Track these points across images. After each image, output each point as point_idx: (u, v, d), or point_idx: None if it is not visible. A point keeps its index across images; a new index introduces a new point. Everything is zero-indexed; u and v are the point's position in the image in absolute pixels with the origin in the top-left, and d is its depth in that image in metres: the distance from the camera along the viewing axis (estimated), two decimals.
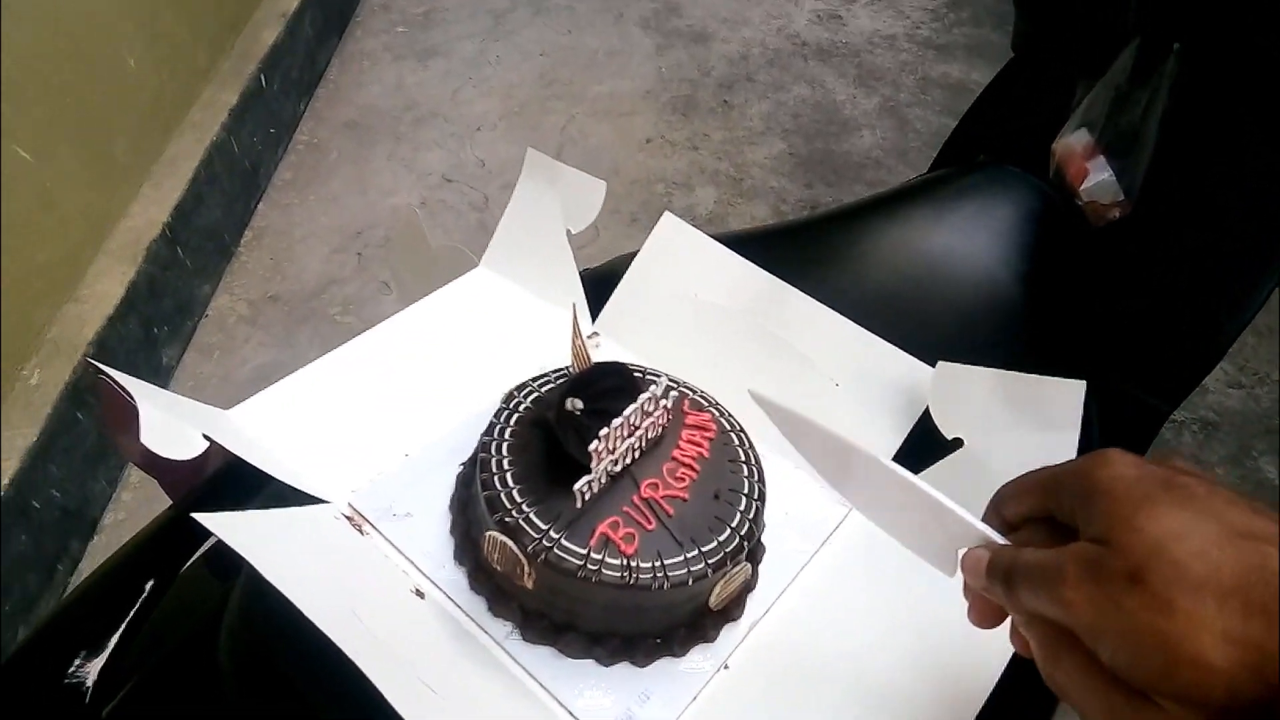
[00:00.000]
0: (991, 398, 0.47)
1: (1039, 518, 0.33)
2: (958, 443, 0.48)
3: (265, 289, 1.54)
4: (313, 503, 0.45)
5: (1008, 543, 0.33)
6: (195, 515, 0.37)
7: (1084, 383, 0.45)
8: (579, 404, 0.41)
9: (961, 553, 0.35)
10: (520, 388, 0.46)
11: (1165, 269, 0.77)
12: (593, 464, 0.39)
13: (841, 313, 0.53)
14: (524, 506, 0.40)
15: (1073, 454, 0.45)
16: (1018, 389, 0.46)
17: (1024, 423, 0.46)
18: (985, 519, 0.35)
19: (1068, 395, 0.45)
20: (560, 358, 0.55)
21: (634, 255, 0.59)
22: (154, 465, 0.49)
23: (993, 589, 0.33)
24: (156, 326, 1.36)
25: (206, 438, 0.45)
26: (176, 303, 1.42)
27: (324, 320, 1.48)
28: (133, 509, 1.23)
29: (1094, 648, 0.28)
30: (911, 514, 0.36)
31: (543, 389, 0.46)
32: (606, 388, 0.42)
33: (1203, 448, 1.36)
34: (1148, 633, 0.26)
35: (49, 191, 1.19)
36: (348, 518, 0.46)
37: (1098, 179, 0.75)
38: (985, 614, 0.35)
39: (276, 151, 1.78)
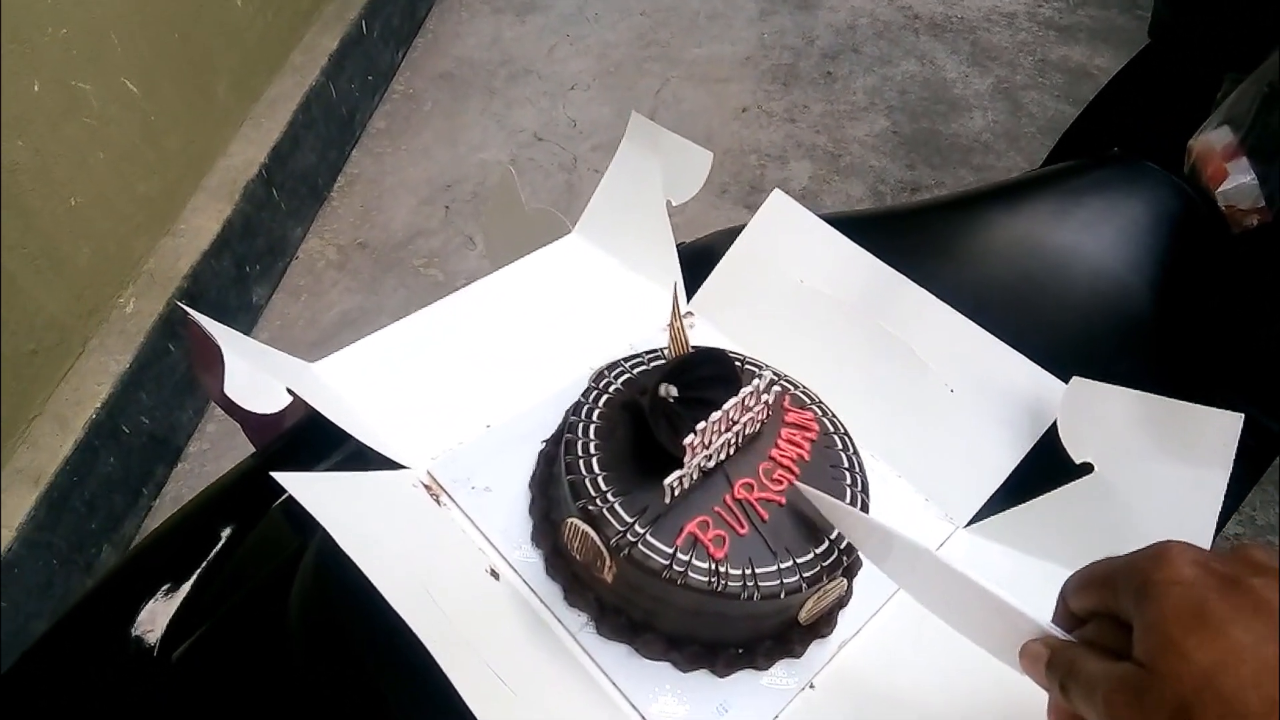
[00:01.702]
0: (1132, 422, 0.42)
1: (1105, 613, 0.29)
2: (1087, 467, 0.43)
3: (354, 235, 1.55)
4: (391, 467, 0.44)
5: (1070, 638, 0.31)
6: (272, 474, 0.35)
7: (1241, 416, 0.40)
8: (674, 391, 0.39)
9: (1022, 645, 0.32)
10: (611, 367, 0.44)
11: None
12: (685, 458, 0.37)
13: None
14: (609, 495, 0.38)
15: (1220, 494, 0.40)
16: (1164, 415, 0.41)
17: (1167, 453, 0.41)
18: (1056, 608, 0.32)
19: (1222, 428, 0.40)
20: (650, 336, 0.53)
21: (735, 231, 0.56)
22: (235, 411, 0.49)
23: (1052, 688, 0.30)
24: (249, 265, 1.38)
25: (290, 391, 0.44)
26: (269, 243, 1.44)
27: (408, 270, 1.49)
28: (216, 440, 1.26)
29: None
30: (967, 606, 0.34)
31: (635, 370, 0.44)
32: (704, 376, 0.40)
33: None
34: None
35: (152, 125, 1.21)
36: (425, 486, 0.44)
37: (1237, 182, 0.70)
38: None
39: (373, 99, 1.78)
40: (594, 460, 0.39)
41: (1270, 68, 0.67)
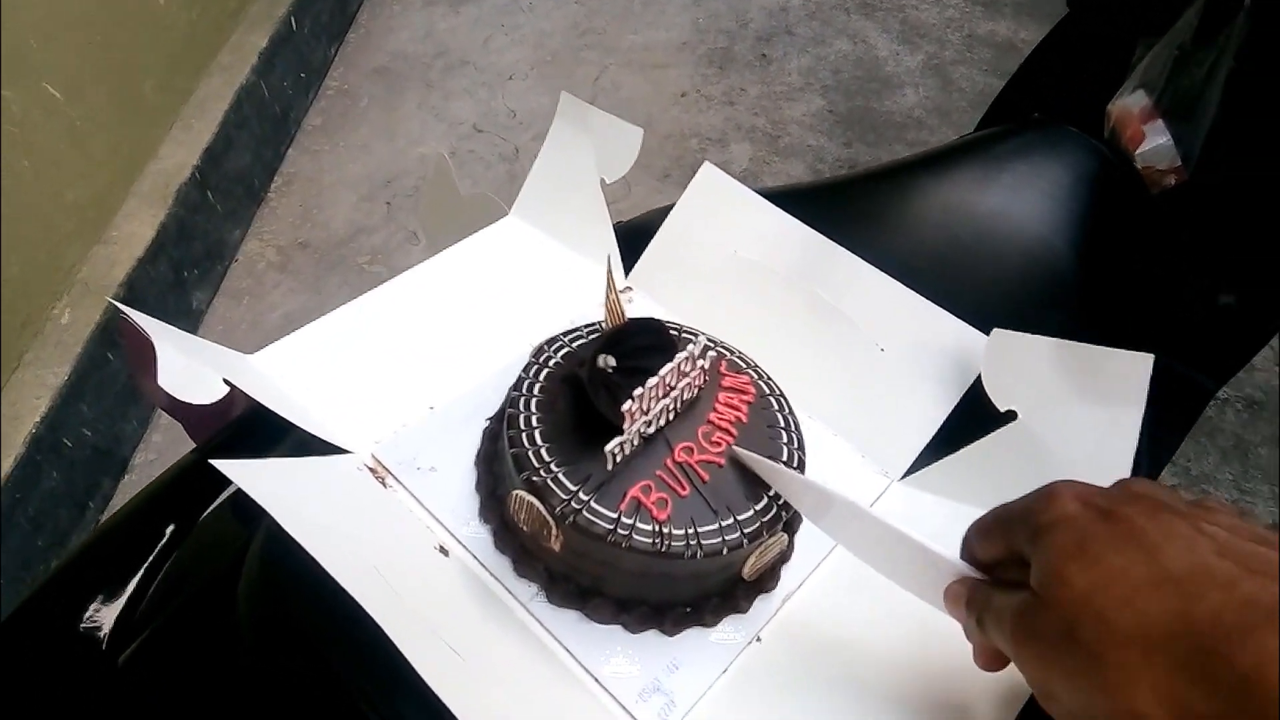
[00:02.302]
0: (1050, 369, 0.44)
1: (1007, 557, 0.32)
2: (1011, 415, 0.45)
3: (294, 235, 1.53)
4: (335, 452, 0.44)
5: (984, 578, 0.33)
6: (213, 462, 0.35)
7: (1151, 357, 0.42)
8: (611, 361, 0.40)
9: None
10: (550, 342, 0.45)
11: (1220, 240, 0.74)
12: (625, 425, 0.37)
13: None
14: (552, 466, 0.39)
15: (1135, 433, 0.42)
16: (1080, 360, 0.43)
17: (1085, 397, 0.43)
18: (961, 553, 0.34)
19: (1133, 369, 0.42)
20: (591, 312, 0.53)
21: (670, 209, 0.57)
22: (177, 408, 0.48)
23: (970, 624, 0.32)
24: (186, 270, 1.35)
25: (228, 383, 0.43)
26: (206, 246, 1.41)
27: (352, 269, 1.47)
28: (163, 449, 1.24)
29: (1043, 702, 0.29)
30: (898, 555, 0.36)
31: (574, 344, 0.45)
32: (641, 345, 0.41)
33: (1246, 427, 1.32)
34: (1085, 689, 0.26)
35: (78, 130, 1.18)
36: (370, 469, 0.44)
37: (1154, 143, 0.72)
38: (991, 660, 0.33)
39: (306, 96, 1.76)
40: (536, 433, 0.40)
41: (1180, 31, 0.69)
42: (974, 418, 0.46)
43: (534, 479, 0.38)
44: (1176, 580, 0.25)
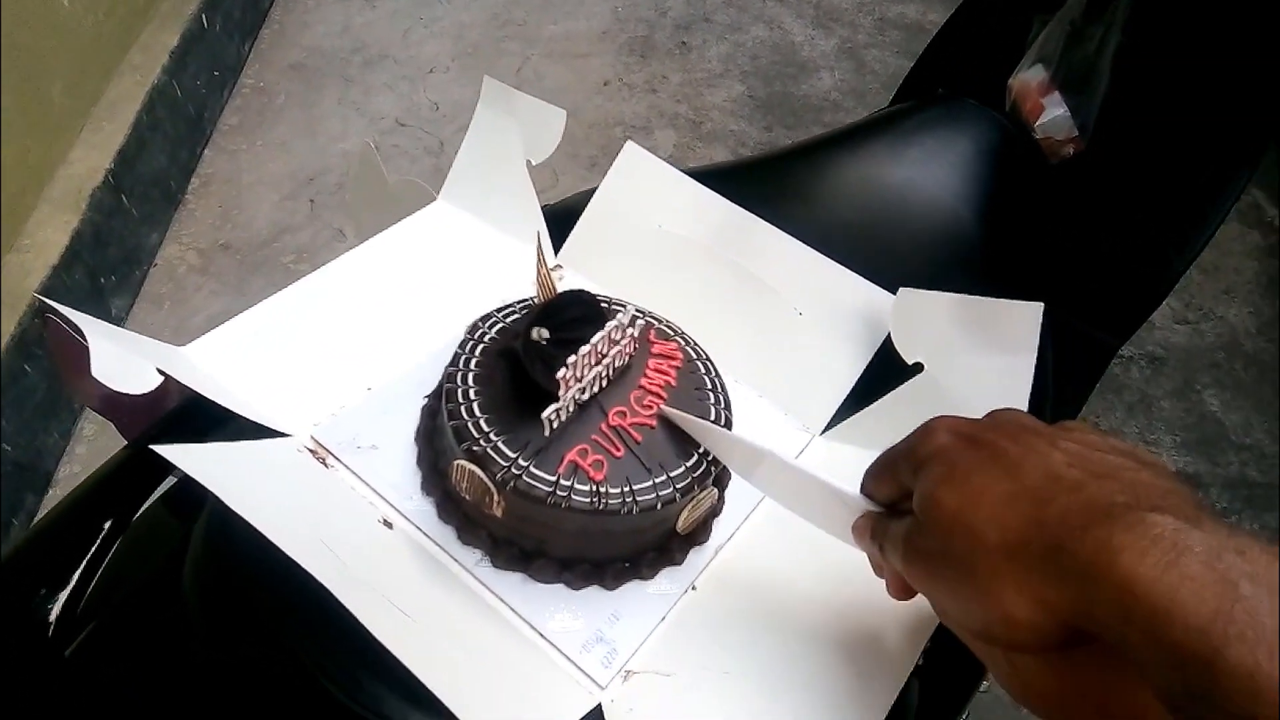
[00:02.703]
0: (950, 321, 0.47)
1: (900, 493, 0.35)
2: (918, 367, 0.48)
3: (215, 237, 1.50)
4: (275, 437, 0.45)
5: (882, 511, 0.36)
6: (154, 447, 0.36)
7: (1041, 305, 0.46)
8: (545, 333, 0.41)
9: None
10: (485, 318, 0.46)
11: (1117, 205, 0.78)
12: (560, 392, 0.39)
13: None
14: (491, 435, 0.40)
15: (1029, 377, 0.46)
16: (976, 312, 0.47)
17: (982, 346, 0.46)
18: (861, 491, 0.37)
19: (1025, 317, 0.46)
20: (523, 290, 0.55)
21: (594, 191, 0.59)
22: (109, 406, 0.48)
23: (874, 552, 0.36)
24: (104, 276, 1.32)
25: (161, 372, 0.44)
26: (123, 252, 1.37)
27: (277, 269, 1.45)
28: (87, 461, 1.21)
29: (941, 617, 0.32)
30: (815, 500, 0.39)
31: (507, 319, 0.46)
32: (573, 316, 0.42)
33: (1149, 382, 1.40)
34: (963, 597, 0.29)
35: None
36: (310, 450, 0.45)
37: (1052, 115, 0.75)
38: (899, 588, 0.36)
39: (221, 95, 1.72)
40: (475, 405, 0.41)
41: (1071, 7, 0.73)
42: (885, 373, 0.49)
43: (474, 448, 0.40)
44: (1031, 491, 0.28)
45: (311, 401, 0.47)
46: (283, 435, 0.45)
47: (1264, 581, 0.22)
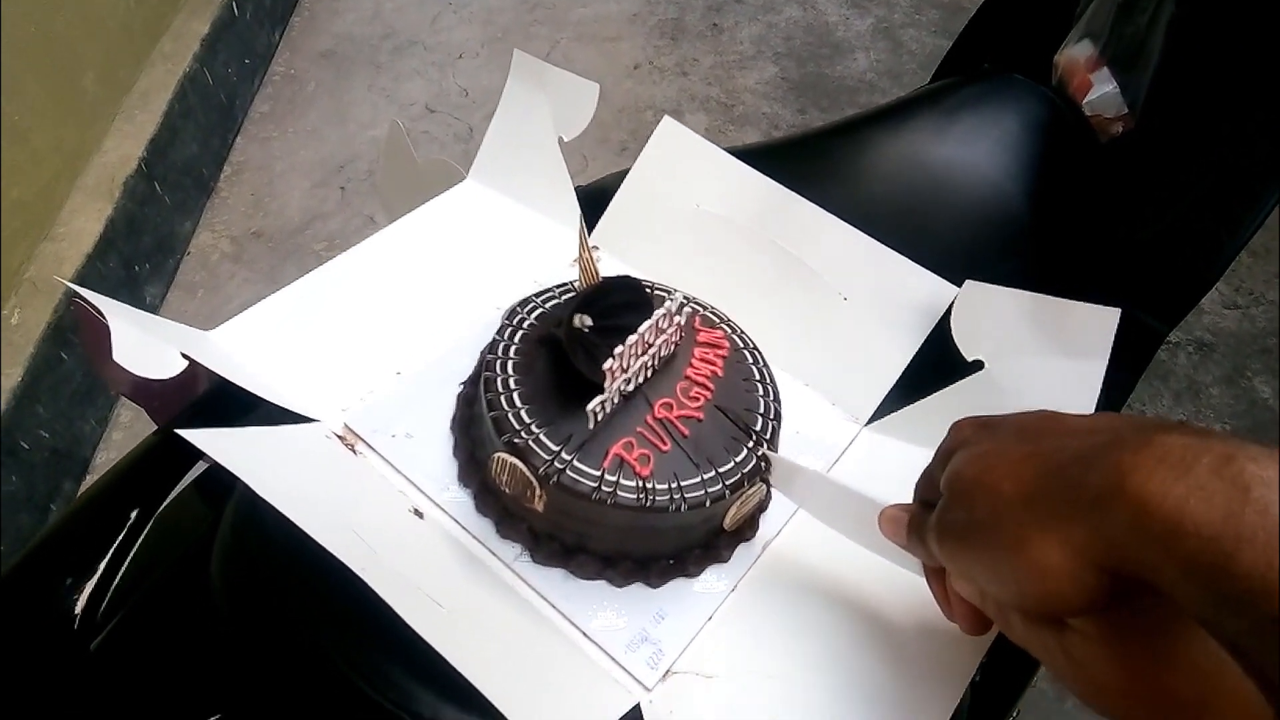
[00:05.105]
0: (1017, 320, 0.45)
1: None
2: (978, 365, 0.46)
3: (247, 225, 1.50)
4: (303, 422, 0.44)
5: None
6: (180, 432, 0.35)
7: (1118, 311, 0.43)
8: (588, 320, 0.40)
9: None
10: (523, 303, 0.45)
11: (1167, 186, 0.76)
12: (606, 383, 0.38)
13: None
14: (533, 427, 0.39)
15: (1098, 385, 0.43)
16: (1048, 312, 0.44)
17: (1050, 348, 0.44)
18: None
19: (1100, 322, 0.43)
20: (555, 272, 0.53)
21: (628, 171, 0.57)
22: (140, 393, 0.47)
23: (910, 543, 0.35)
24: (138, 264, 1.32)
25: (187, 357, 0.43)
26: (157, 240, 1.38)
27: (309, 256, 1.45)
28: (124, 447, 1.21)
29: (980, 604, 0.32)
30: (853, 515, 0.39)
31: (547, 305, 0.45)
32: (617, 303, 0.41)
33: (1198, 369, 1.36)
34: (996, 560, 0.29)
35: (17, 125, 1.15)
36: (340, 437, 0.44)
37: (1101, 92, 0.73)
38: (971, 621, 0.35)
39: (252, 83, 1.72)
40: (515, 395, 0.40)
41: None
42: (940, 366, 0.47)
43: (515, 440, 0.38)
44: (1045, 451, 0.29)
45: (339, 386, 0.46)
46: (310, 420, 0.44)
47: (1275, 483, 0.22)
